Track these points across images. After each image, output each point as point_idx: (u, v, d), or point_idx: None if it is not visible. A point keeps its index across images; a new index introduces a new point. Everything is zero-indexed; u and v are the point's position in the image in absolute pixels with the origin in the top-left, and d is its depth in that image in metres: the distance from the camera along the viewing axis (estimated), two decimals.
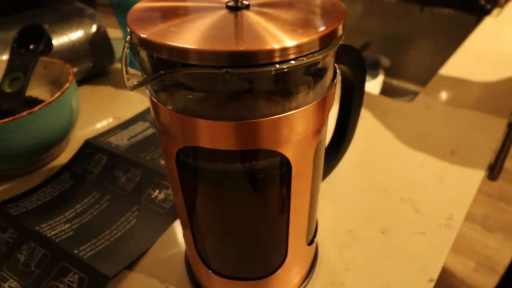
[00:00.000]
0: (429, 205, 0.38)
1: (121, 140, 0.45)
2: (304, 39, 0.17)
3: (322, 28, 0.18)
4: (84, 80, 0.59)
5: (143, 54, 0.19)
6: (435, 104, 0.53)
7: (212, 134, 0.18)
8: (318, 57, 0.18)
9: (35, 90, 0.47)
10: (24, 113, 0.37)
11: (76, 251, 0.33)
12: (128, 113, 0.52)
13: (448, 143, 0.45)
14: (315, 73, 0.19)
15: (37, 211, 0.37)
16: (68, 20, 0.54)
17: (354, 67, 0.26)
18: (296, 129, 0.19)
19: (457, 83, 0.57)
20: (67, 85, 0.41)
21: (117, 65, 0.64)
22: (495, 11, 0.82)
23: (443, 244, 0.34)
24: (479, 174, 0.41)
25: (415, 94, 0.77)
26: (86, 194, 0.39)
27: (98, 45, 0.56)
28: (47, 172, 0.43)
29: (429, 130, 0.48)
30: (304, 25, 0.18)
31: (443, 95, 0.54)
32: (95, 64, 0.57)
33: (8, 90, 0.44)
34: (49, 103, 0.38)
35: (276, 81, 0.18)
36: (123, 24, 0.61)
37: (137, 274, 0.32)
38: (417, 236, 0.35)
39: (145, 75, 0.19)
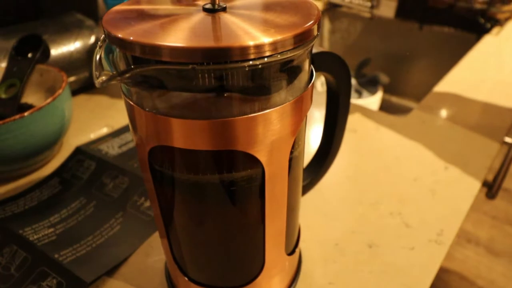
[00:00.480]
0: (419, 220, 0.37)
1: (111, 147, 0.45)
2: (277, 37, 0.17)
3: (296, 28, 0.18)
4: (81, 89, 0.60)
5: (117, 54, 0.19)
6: (430, 118, 0.52)
7: (185, 133, 0.18)
8: (290, 55, 0.17)
9: (31, 97, 0.48)
10: (16, 117, 0.37)
11: (56, 256, 0.32)
12: (121, 123, 0.52)
13: (442, 158, 0.45)
14: (289, 72, 0.19)
15: (23, 215, 0.37)
16: (67, 30, 0.55)
17: (338, 75, 0.26)
18: (271, 129, 0.19)
19: (453, 99, 0.57)
20: (60, 91, 0.41)
21: None
22: (495, 30, 0.82)
23: (433, 260, 0.33)
24: (473, 191, 0.40)
25: None
26: (72, 200, 0.39)
27: None
28: (37, 177, 0.43)
29: (423, 144, 0.47)
30: (279, 25, 0.18)
31: (438, 111, 0.54)
32: (91, 74, 0.58)
33: (3, 96, 0.44)
34: (40, 108, 0.39)
35: (249, 78, 0.18)
36: None
37: (116, 281, 0.31)
38: (405, 252, 0.34)
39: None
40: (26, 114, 0.37)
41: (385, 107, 0.96)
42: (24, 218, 0.37)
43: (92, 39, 0.56)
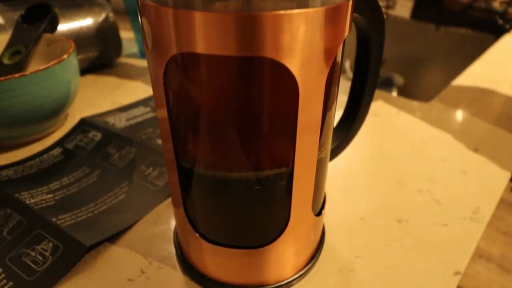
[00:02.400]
0: (451, 197, 0.34)
1: (118, 120, 0.43)
2: None
3: None
4: (89, 69, 0.58)
5: None
6: (451, 107, 0.49)
7: (208, 31, 0.16)
8: None
9: (36, 67, 0.46)
10: (16, 75, 0.34)
11: (54, 219, 0.29)
12: (130, 101, 0.49)
13: (470, 141, 0.42)
14: None
15: (20, 180, 0.34)
16: (77, 6, 0.53)
17: (369, 16, 0.24)
18: (303, 36, 0.16)
19: (473, 92, 0.54)
20: (65, 56, 0.39)
21: (124, 60, 0.63)
22: None
23: (470, 237, 0.30)
24: (506, 172, 0.37)
25: None
26: (75, 169, 0.36)
27: (106, 34, 0.55)
28: (39, 148, 0.40)
29: (448, 128, 0.44)
30: None
31: (458, 102, 0.51)
32: (101, 54, 0.56)
33: (7, 62, 0.42)
34: (44, 69, 0.36)
35: None
36: (136, 28, 0.61)
37: (119, 248, 0.28)
38: (438, 228, 0.31)
39: None
40: (27, 73, 0.35)
41: None
42: (21, 184, 0.34)
43: (103, 16, 0.54)
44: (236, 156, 0.20)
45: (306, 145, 0.20)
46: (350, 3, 0.18)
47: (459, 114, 0.47)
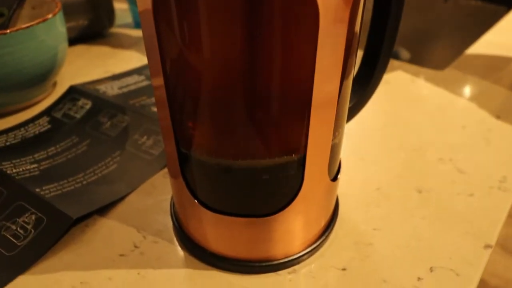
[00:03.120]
0: (475, 166, 0.31)
1: (110, 88, 0.40)
2: None
3: None
4: (79, 38, 0.54)
5: None
6: (469, 74, 0.46)
7: None
8: None
9: None
10: None
11: (38, 190, 0.26)
12: (123, 70, 0.46)
13: (491, 108, 0.38)
14: None
15: (3, 151, 0.31)
16: None
17: None
18: None
19: (489, 60, 0.51)
20: (50, 15, 0.35)
21: (117, 30, 0.59)
22: None
23: (498, 207, 0.27)
24: None
25: None
26: (62, 138, 0.33)
27: (98, 0, 0.51)
28: (25, 117, 0.37)
29: (467, 95, 0.41)
30: None
31: (475, 69, 0.48)
32: (92, 22, 0.52)
33: None
34: (25, 28, 0.33)
35: None
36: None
37: (109, 220, 0.25)
38: (463, 198, 0.28)
39: None
40: (7, 31, 0.32)
41: None
42: (3, 154, 0.31)
43: None
44: (242, 119, 0.17)
45: (323, 93, 0.16)
46: None
47: (477, 81, 0.44)
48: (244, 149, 0.18)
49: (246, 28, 0.15)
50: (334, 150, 0.20)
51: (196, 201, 0.21)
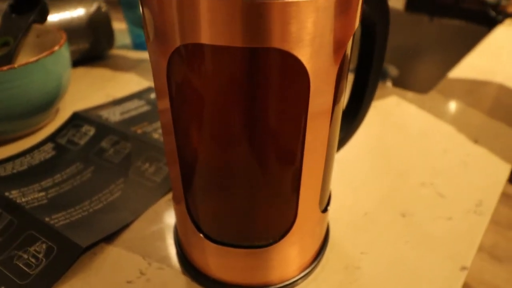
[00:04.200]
0: (454, 190, 0.33)
1: (112, 114, 0.41)
2: None
3: None
4: (80, 61, 0.56)
5: None
6: (449, 98, 0.49)
7: (214, 21, 0.14)
8: None
9: (26, 60, 0.44)
10: (4, 68, 0.33)
11: (47, 219, 0.28)
12: (124, 94, 0.48)
13: (470, 132, 0.41)
14: None
15: (10, 178, 0.33)
16: None
17: (377, 7, 0.23)
18: (314, 25, 0.15)
19: (469, 84, 0.54)
20: (56, 47, 0.37)
21: (117, 51, 0.61)
22: (507, 21, 0.80)
23: (474, 231, 0.29)
24: (507, 163, 0.37)
25: None
26: (67, 165, 0.35)
27: (98, 25, 0.53)
28: (29, 143, 0.39)
29: (448, 119, 0.44)
30: None
31: (456, 93, 0.51)
32: (93, 45, 0.54)
33: None
34: (34, 62, 0.35)
35: None
36: (129, 19, 0.59)
37: (116, 248, 0.27)
38: (443, 222, 0.30)
39: None
40: (16, 65, 0.33)
41: None
42: (11, 181, 0.32)
43: (95, 7, 0.52)
44: (242, 151, 0.19)
45: (315, 139, 0.19)
46: None
47: (457, 106, 0.47)
48: (243, 183, 0.20)
49: (247, 80, 0.17)
50: (324, 184, 0.23)
51: (199, 232, 0.23)
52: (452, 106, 0.47)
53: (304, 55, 0.15)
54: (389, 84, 0.93)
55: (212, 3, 0.14)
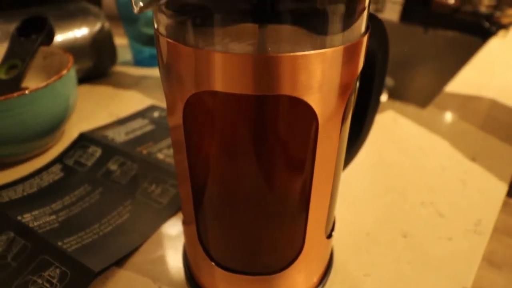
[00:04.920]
0: (453, 209, 0.34)
1: (117, 134, 0.42)
2: None
3: None
4: (83, 79, 0.57)
5: None
6: (446, 113, 0.50)
7: (227, 72, 0.15)
8: None
9: (33, 82, 0.45)
10: (14, 94, 0.34)
11: (60, 244, 0.29)
12: (127, 112, 0.49)
13: (467, 150, 0.42)
14: (350, 11, 0.16)
15: (22, 201, 0.34)
16: (71, 16, 0.52)
17: (376, 37, 0.24)
18: (322, 74, 0.16)
19: (465, 99, 0.55)
20: (65, 71, 0.38)
21: (118, 68, 0.62)
22: (501, 33, 0.82)
23: (474, 250, 0.30)
24: (504, 182, 0.38)
25: None
26: (76, 187, 0.36)
27: (101, 44, 0.54)
28: (36, 165, 0.39)
29: (445, 136, 0.45)
30: None
31: (453, 108, 0.52)
32: (96, 64, 0.55)
33: (4, 77, 0.41)
34: (43, 87, 0.36)
35: (307, 11, 0.15)
36: (129, 34, 0.60)
37: (127, 272, 0.28)
38: (444, 242, 0.31)
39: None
40: (26, 92, 0.34)
41: None
42: (22, 205, 0.33)
43: (98, 26, 0.54)
44: (252, 185, 0.20)
45: (323, 174, 0.20)
46: (366, 37, 0.18)
47: (455, 122, 0.48)
48: (252, 212, 0.21)
49: (258, 124, 0.18)
50: (330, 212, 0.24)
51: (208, 257, 0.24)
52: (449, 123, 0.48)
53: (313, 100, 0.17)
54: (385, 94, 0.95)
55: (226, 56, 0.15)
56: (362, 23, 0.18)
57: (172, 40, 0.16)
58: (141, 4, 0.15)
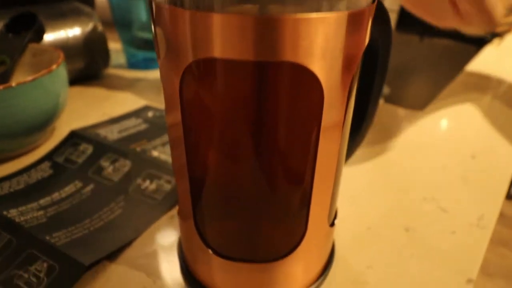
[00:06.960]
0: (456, 205, 0.34)
1: (110, 132, 0.41)
2: None
3: None
4: (76, 80, 0.56)
5: None
6: (445, 116, 0.50)
7: (227, 35, 0.15)
8: None
9: (23, 79, 0.44)
10: (1, 87, 0.33)
11: (48, 238, 0.27)
12: (120, 113, 0.48)
13: (466, 148, 0.42)
14: None
15: (7, 197, 0.32)
16: (63, 16, 0.52)
17: (378, 24, 0.23)
18: (327, 40, 0.15)
19: (461, 102, 0.55)
20: (54, 66, 0.37)
21: (112, 70, 0.61)
22: (496, 41, 0.83)
23: (478, 244, 0.29)
24: (505, 178, 0.37)
25: None
26: (66, 183, 0.34)
27: (94, 44, 0.54)
28: (25, 161, 0.38)
29: (444, 136, 0.45)
30: None
31: (449, 111, 0.52)
32: (89, 64, 0.54)
33: None
34: (31, 81, 0.35)
35: None
36: (124, 38, 0.60)
37: (119, 266, 0.27)
38: (447, 236, 0.30)
39: None
40: (13, 84, 0.33)
41: None
42: (8, 201, 0.32)
43: (90, 26, 0.53)
44: (253, 165, 0.19)
45: (326, 152, 0.19)
46: (372, 8, 0.18)
47: (453, 121, 0.48)
48: (253, 199, 0.20)
49: (259, 94, 0.17)
50: (333, 198, 0.23)
51: (205, 246, 0.22)
52: (447, 122, 0.48)
53: (316, 67, 0.16)
54: (381, 103, 0.95)
55: (225, 17, 0.14)
56: None
57: (168, 4, 0.16)
58: None
